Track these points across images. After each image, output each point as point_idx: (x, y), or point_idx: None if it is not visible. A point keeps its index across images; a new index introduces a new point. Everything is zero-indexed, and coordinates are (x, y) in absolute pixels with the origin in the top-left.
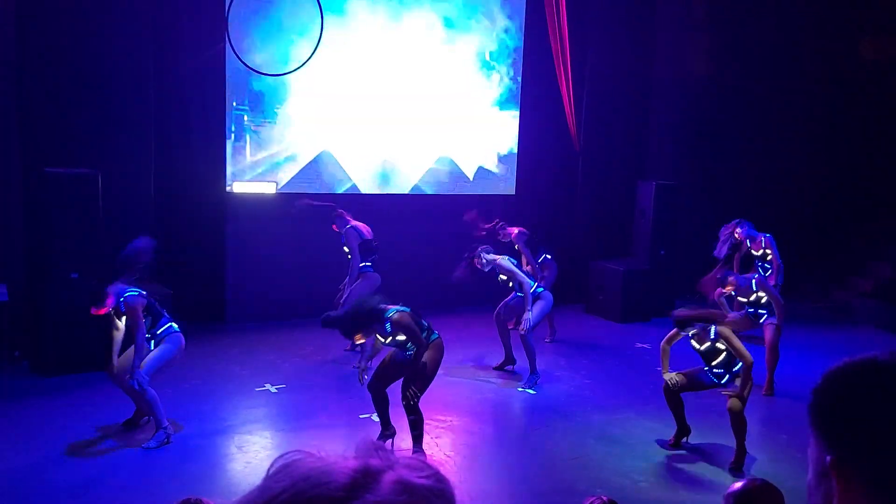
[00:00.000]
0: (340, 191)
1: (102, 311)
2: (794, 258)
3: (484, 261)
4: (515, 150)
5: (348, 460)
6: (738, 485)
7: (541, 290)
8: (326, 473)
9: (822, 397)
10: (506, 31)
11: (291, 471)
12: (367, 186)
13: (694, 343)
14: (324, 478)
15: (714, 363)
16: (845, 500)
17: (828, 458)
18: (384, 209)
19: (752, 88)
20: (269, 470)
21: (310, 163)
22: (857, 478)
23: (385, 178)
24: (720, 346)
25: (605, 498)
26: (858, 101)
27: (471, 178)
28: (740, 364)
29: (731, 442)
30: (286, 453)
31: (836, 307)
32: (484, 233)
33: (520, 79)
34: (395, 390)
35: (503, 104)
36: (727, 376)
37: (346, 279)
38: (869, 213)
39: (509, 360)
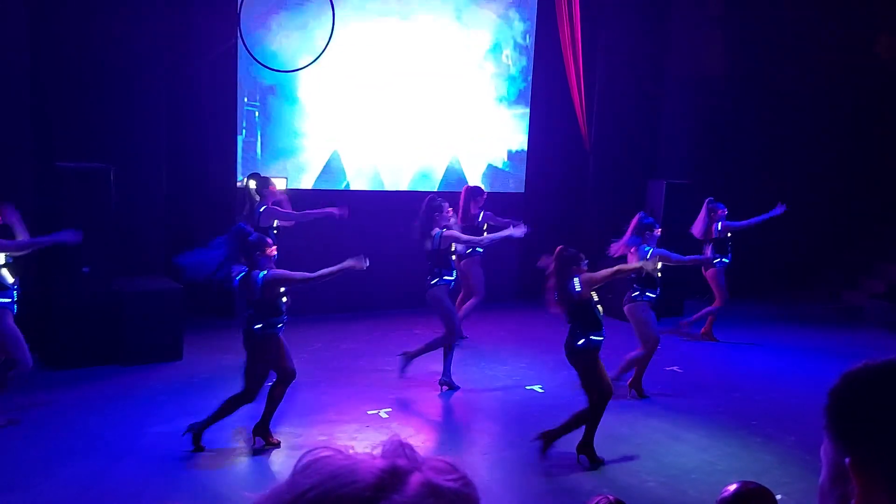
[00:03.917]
0: (351, 187)
1: None
2: (806, 259)
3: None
4: (525, 148)
5: (376, 459)
6: (732, 488)
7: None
8: (354, 472)
9: (840, 399)
10: (517, 28)
11: (320, 468)
12: (377, 182)
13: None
14: (351, 476)
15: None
16: (865, 501)
17: (847, 459)
18: (394, 206)
19: (766, 87)
20: (296, 465)
21: (320, 158)
22: (878, 479)
23: (396, 174)
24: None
25: (611, 497)
26: (873, 100)
27: (481, 176)
28: None
29: (741, 444)
30: (314, 449)
31: (847, 309)
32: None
33: (531, 76)
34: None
35: (514, 102)
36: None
37: None
38: (881, 214)
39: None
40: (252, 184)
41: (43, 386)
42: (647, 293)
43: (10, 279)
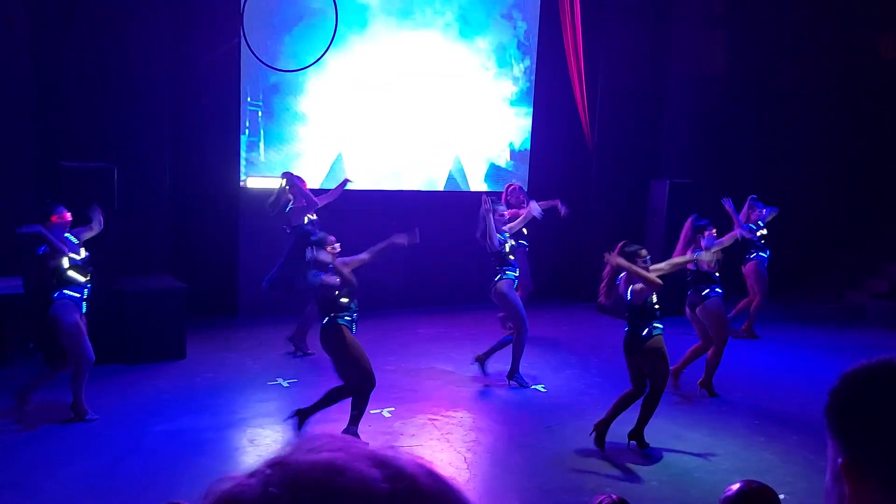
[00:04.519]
0: (354, 186)
1: None
2: (809, 259)
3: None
4: (528, 147)
5: (352, 451)
6: (735, 487)
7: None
8: (342, 471)
9: (838, 399)
10: (520, 28)
11: (296, 478)
12: (381, 182)
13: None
14: (347, 476)
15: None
16: (857, 501)
17: (839, 459)
18: (398, 205)
19: (769, 86)
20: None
21: (322, 157)
22: (871, 480)
23: (399, 174)
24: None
25: (614, 497)
26: (876, 100)
27: (484, 175)
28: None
29: (743, 443)
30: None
31: (849, 308)
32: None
33: (533, 76)
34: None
35: (517, 101)
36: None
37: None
38: (884, 214)
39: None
40: (285, 182)
41: (47, 385)
42: (716, 289)
43: (80, 279)
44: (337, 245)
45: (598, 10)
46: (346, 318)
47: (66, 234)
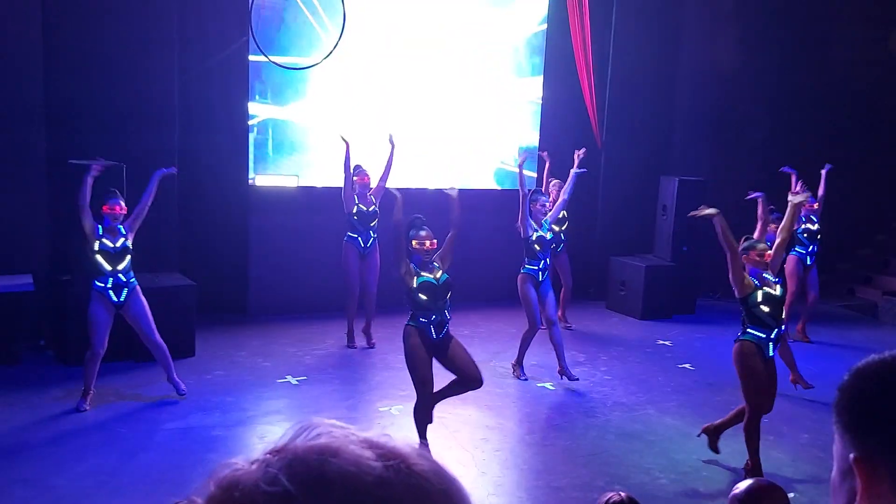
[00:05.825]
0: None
1: None
2: (820, 255)
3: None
4: (537, 146)
5: (348, 437)
6: (743, 486)
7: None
8: (358, 470)
9: (848, 394)
10: (529, 26)
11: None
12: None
13: (770, 291)
14: (352, 465)
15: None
16: (869, 497)
17: (851, 455)
18: (403, 204)
19: (779, 82)
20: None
21: (331, 156)
22: (882, 475)
23: (405, 171)
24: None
25: (623, 494)
26: (888, 94)
27: (492, 173)
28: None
29: None
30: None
31: (861, 306)
32: None
33: (542, 74)
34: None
35: (525, 99)
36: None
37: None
38: None
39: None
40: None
41: (57, 382)
42: None
43: (107, 266)
44: (426, 242)
45: (607, 7)
46: (422, 319)
47: (119, 226)
